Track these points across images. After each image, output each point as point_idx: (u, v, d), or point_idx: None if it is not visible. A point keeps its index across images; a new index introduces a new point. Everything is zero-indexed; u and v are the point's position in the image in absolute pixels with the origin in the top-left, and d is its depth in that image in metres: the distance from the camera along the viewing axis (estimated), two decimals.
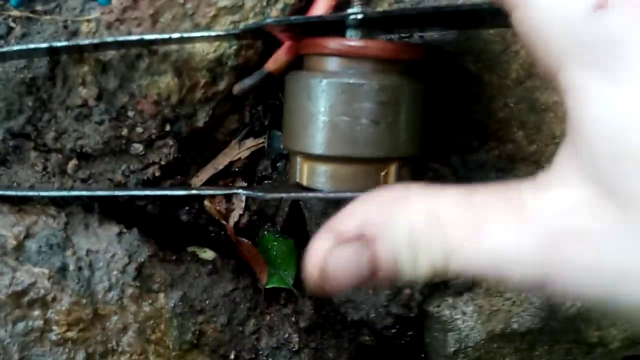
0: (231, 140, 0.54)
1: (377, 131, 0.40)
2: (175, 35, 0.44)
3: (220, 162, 0.53)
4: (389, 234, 0.27)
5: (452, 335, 0.52)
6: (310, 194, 0.42)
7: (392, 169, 0.42)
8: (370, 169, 0.42)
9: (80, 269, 0.46)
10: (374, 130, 0.40)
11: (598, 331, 0.51)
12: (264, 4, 0.48)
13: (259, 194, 0.41)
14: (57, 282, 0.45)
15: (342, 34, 0.42)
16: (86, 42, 0.45)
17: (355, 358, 0.57)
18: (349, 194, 0.42)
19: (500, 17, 0.41)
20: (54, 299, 0.44)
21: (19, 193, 0.46)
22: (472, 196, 0.26)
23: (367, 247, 0.27)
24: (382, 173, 0.42)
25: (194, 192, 0.48)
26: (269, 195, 0.41)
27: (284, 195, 0.42)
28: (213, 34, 0.44)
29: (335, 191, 0.42)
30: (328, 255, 0.27)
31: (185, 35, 0.44)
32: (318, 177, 0.42)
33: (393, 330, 0.56)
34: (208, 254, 0.55)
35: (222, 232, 0.56)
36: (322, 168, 0.42)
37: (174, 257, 0.50)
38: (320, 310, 0.55)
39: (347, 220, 0.28)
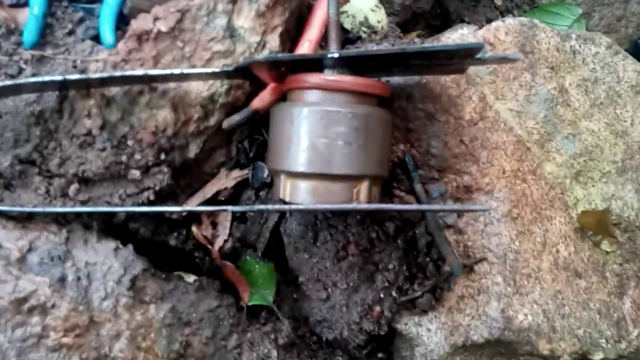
0: (218, 172, 0.60)
1: (350, 151, 0.47)
2: (176, 71, 0.50)
3: (209, 190, 0.59)
4: None
5: (418, 350, 0.57)
6: (294, 206, 0.48)
7: (364, 186, 0.48)
8: (344, 185, 0.48)
9: (78, 279, 0.49)
10: (347, 151, 0.47)
11: (549, 344, 0.56)
12: (252, 50, 0.55)
13: (247, 207, 0.46)
14: (57, 290, 0.48)
15: (321, 72, 0.49)
16: (96, 76, 0.51)
17: None
18: (327, 206, 0.48)
19: (457, 64, 0.49)
20: (53, 306, 0.48)
21: (23, 209, 0.51)
22: None
23: None
24: (355, 190, 0.48)
25: (187, 208, 0.53)
26: (256, 207, 0.46)
27: (269, 207, 0.48)
28: (209, 71, 0.51)
29: (315, 204, 0.47)
30: None
31: (185, 71, 0.50)
32: (299, 192, 0.48)
33: (365, 351, 0.60)
34: (192, 279, 0.59)
35: (207, 258, 0.60)
36: (303, 184, 0.48)
37: (164, 276, 0.55)
38: (297, 330, 0.59)
39: None
